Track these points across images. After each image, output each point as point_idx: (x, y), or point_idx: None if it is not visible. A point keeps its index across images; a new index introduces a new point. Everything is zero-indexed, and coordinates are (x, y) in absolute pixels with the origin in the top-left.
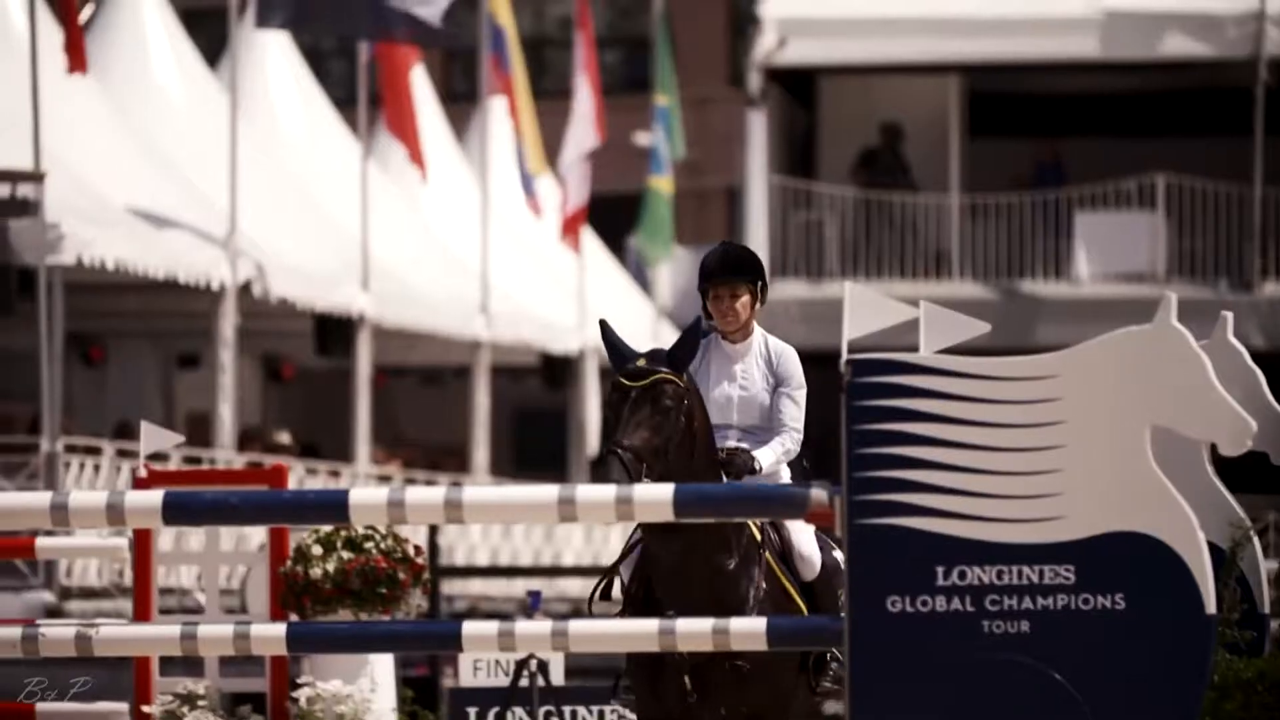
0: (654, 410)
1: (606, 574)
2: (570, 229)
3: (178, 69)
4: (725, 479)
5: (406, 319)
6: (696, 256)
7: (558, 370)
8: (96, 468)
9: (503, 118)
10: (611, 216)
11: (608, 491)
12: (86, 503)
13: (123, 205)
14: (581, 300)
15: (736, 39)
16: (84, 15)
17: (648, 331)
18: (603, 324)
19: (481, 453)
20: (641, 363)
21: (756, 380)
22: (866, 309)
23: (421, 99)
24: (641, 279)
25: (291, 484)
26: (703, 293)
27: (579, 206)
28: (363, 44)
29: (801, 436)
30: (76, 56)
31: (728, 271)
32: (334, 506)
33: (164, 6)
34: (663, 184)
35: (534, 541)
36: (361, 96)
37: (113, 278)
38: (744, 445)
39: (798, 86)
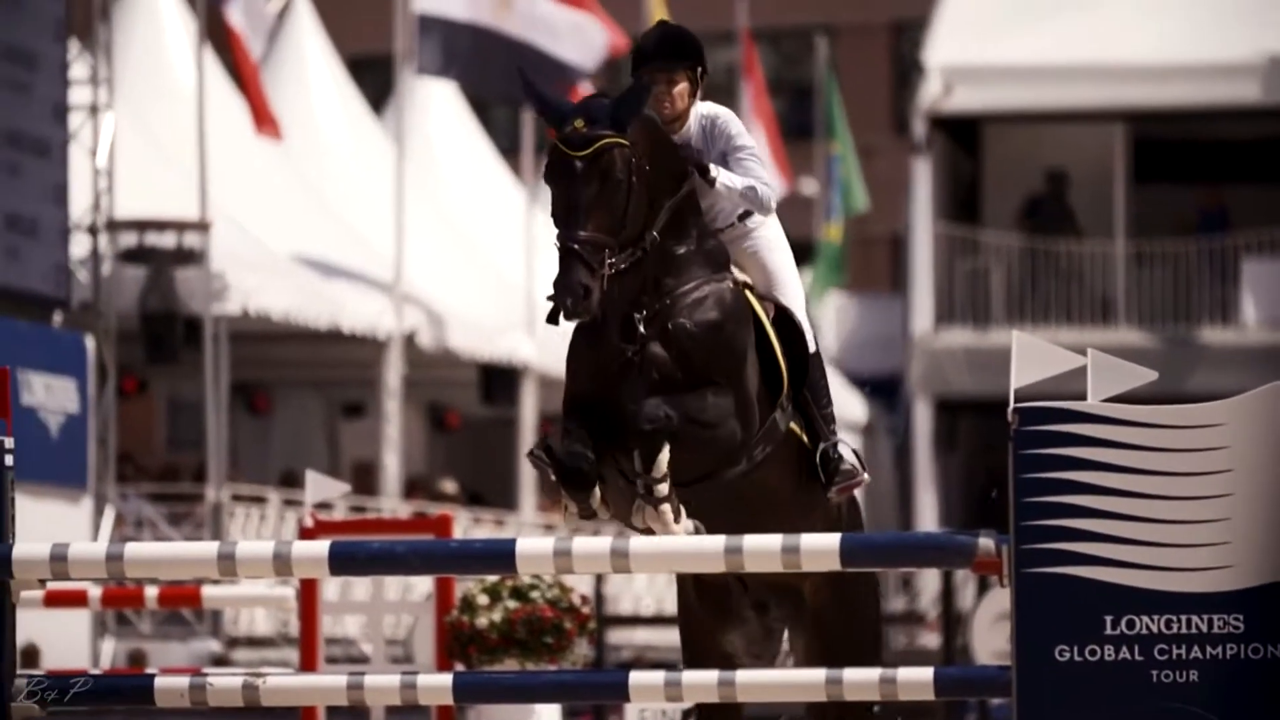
0: (604, 184)
1: None
2: None
3: (343, 116)
4: (681, 158)
5: None
6: (863, 306)
7: None
8: (262, 517)
9: None
10: None
11: (773, 541)
12: (253, 552)
13: (288, 254)
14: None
15: (900, 86)
16: (274, 6)
17: None
18: (523, 76)
19: None
20: (580, 123)
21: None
22: (1033, 357)
23: None
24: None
25: (457, 533)
26: (637, 79)
27: None
28: None
29: (770, 190)
30: (264, 118)
31: (664, 57)
32: (500, 556)
33: (329, 54)
34: (833, 232)
35: None
36: (526, 143)
37: (278, 327)
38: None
39: (962, 133)
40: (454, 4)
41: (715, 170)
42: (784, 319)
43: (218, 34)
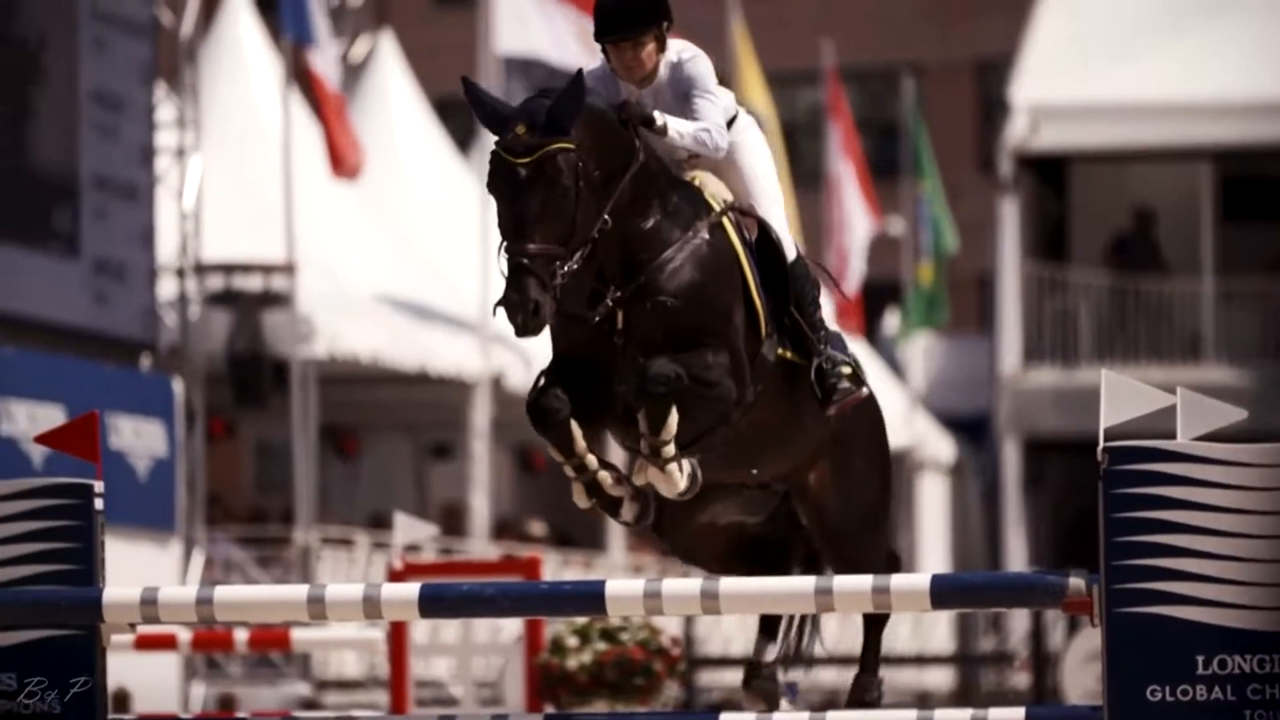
0: (550, 193)
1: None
2: (850, 314)
3: (429, 157)
4: (627, 132)
5: None
6: (951, 345)
7: None
8: (351, 560)
9: None
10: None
11: (863, 582)
12: (342, 595)
13: (374, 296)
14: None
15: (986, 125)
16: (359, 48)
17: (899, 420)
18: (465, 80)
19: None
20: (521, 129)
21: (673, 108)
22: (1122, 396)
23: None
24: (894, 365)
25: (546, 575)
26: (599, 42)
27: (857, 292)
28: None
29: (723, 128)
30: (342, 161)
31: (627, 23)
32: (590, 597)
33: (415, 95)
34: (925, 272)
35: None
36: None
37: (366, 370)
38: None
39: (1049, 172)
40: (539, 44)
41: (661, 119)
42: (764, 233)
43: (304, 76)
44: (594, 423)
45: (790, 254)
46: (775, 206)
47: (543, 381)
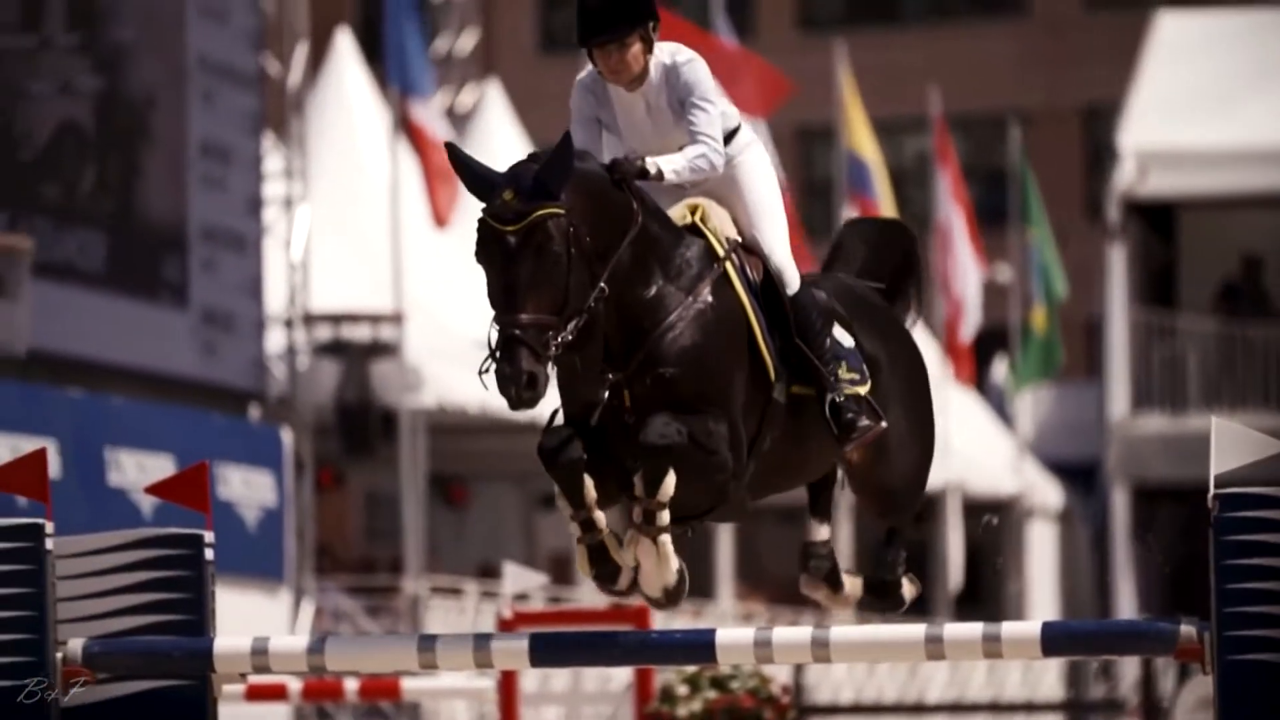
0: (540, 261)
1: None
2: (962, 363)
3: None
4: (627, 195)
5: None
6: (1059, 392)
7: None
8: (460, 609)
9: None
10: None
11: (974, 630)
12: (453, 644)
13: (483, 345)
14: (941, 434)
15: (1093, 171)
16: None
17: (1008, 467)
18: (449, 145)
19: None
20: (509, 195)
21: (667, 113)
22: (1232, 442)
23: None
24: (1003, 413)
25: (655, 623)
26: (584, 45)
27: (970, 341)
28: None
29: (719, 144)
30: (443, 212)
31: (610, 24)
32: (700, 646)
33: (522, 143)
34: (1039, 318)
35: (898, 678)
36: None
37: (474, 419)
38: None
39: (1156, 218)
40: None
41: (654, 167)
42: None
43: (410, 125)
44: (600, 489)
45: (792, 286)
46: (778, 233)
47: (556, 424)
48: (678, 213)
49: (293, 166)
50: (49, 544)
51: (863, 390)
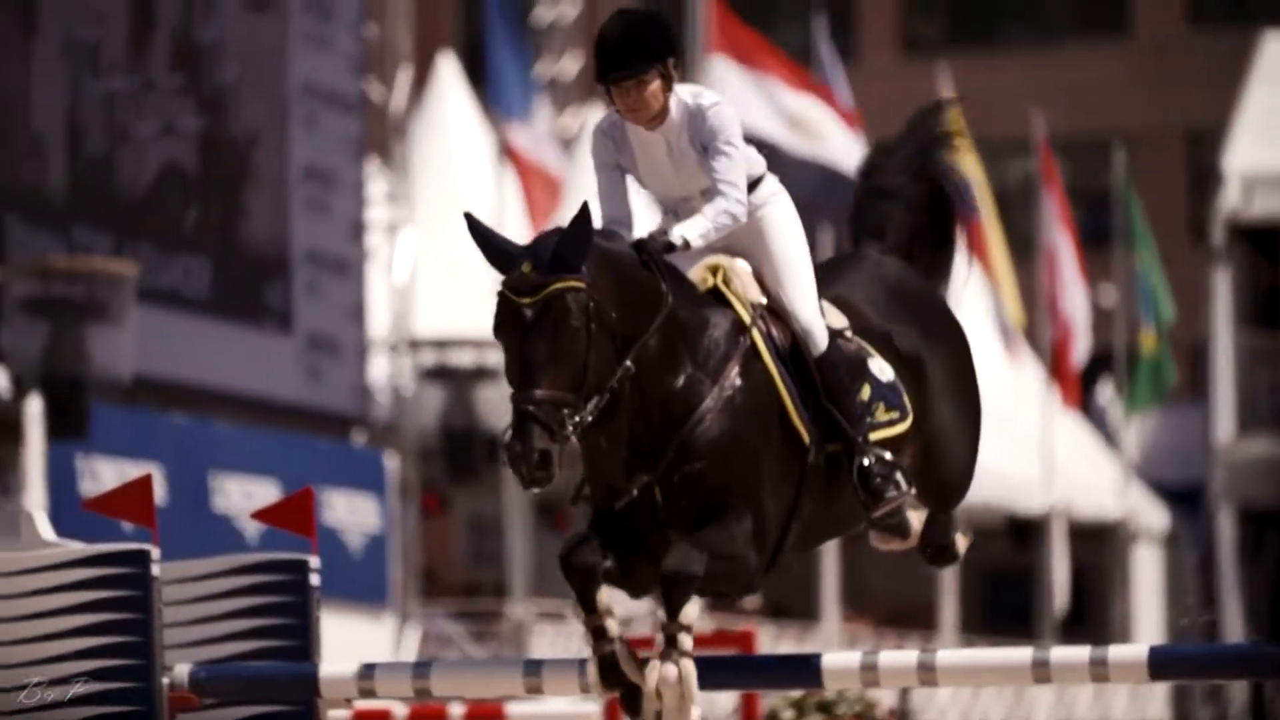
0: (558, 335)
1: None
2: (1069, 387)
3: (640, 231)
4: (655, 276)
5: None
6: (1163, 414)
7: (1024, 531)
8: (565, 633)
9: (964, 272)
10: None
11: (1080, 653)
12: (558, 669)
13: None
14: (1046, 457)
15: (1197, 194)
16: (568, 127)
17: (1113, 490)
18: (468, 216)
19: (949, 613)
20: (527, 267)
21: (690, 154)
22: None
23: None
24: (1108, 436)
25: (760, 648)
26: (601, 83)
27: (1080, 365)
28: None
29: (743, 193)
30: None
31: (628, 59)
32: (806, 670)
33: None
34: (1147, 339)
35: (1004, 701)
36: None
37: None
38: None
39: (1262, 241)
40: (750, 118)
41: (680, 238)
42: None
43: (510, 149)
44: (633, 578)
45: (820, 345)
46: (804, 290)
47: (582, 533)
48: (698, 275)
49: (396, 191)
50: (155, 569)
51: (903, 427)
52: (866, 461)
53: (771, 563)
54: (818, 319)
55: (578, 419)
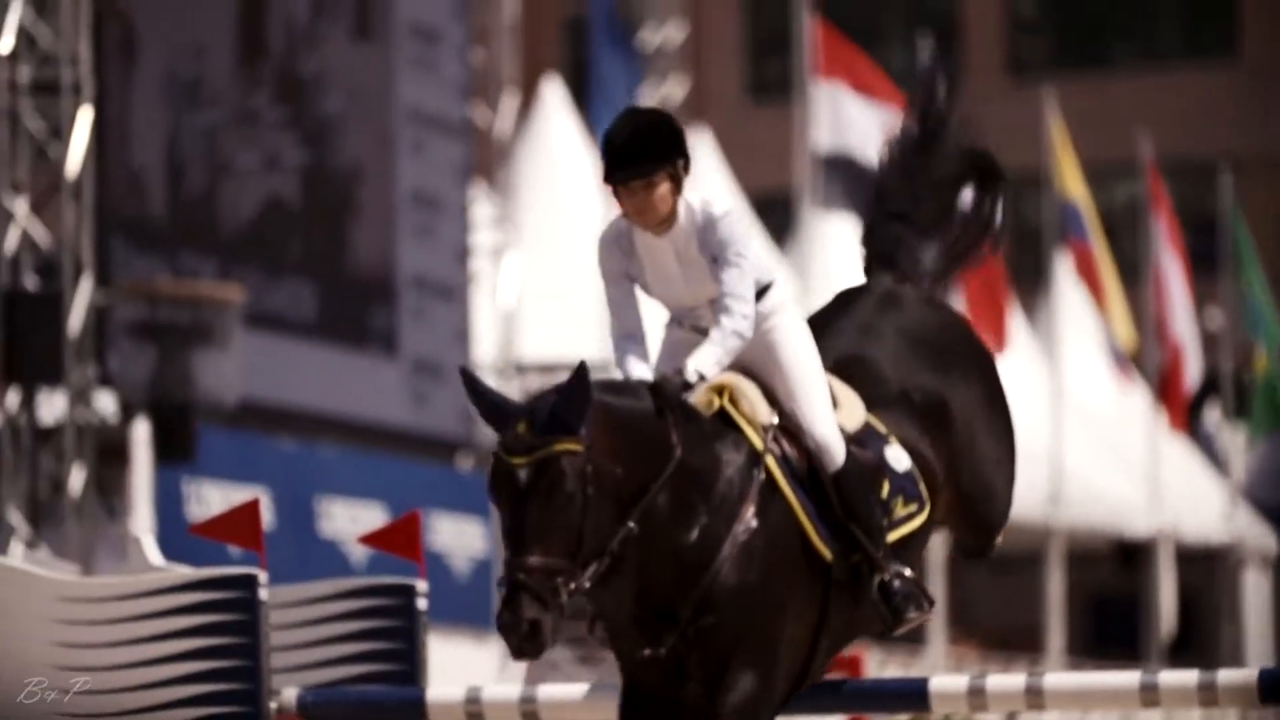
0: (552, 500)
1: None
2: (1176, 410)
3: None
4: (665, 424)
5: None
6: (1271, 438)
7: (1131, 554)
8: None
9: (1072, 294)
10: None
11: (1189, 678)
12: None
13: None
14: (1153, 480)
15: None
16: None
17: (1220, 514)
18: (463, 371)
19: (1056, 637)
20: (523, 427)
21: (699, 262)
22: None
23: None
24: (1215, 459)
25: (867, 671)
26: (608, 183)
27: (1192, 389)
28: None
29: (751, 307)
30: None
31: (638, 160)
32: (913, 694)
33: (732, 191)
34: (1260, 362)
35: None
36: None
37: None
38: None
39: None
40: (854, 140)
41: (695, 374)
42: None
43: None
44: None
45: (836, 461)
46: (818, 403)
47: (626, 707)
48: (704, 398)
49: (501, 215)
50: (263, 594)
51: (921, 518)
52: (889, 579)
53: (803, 680)
54: (833, 433)
55: (573, 585)
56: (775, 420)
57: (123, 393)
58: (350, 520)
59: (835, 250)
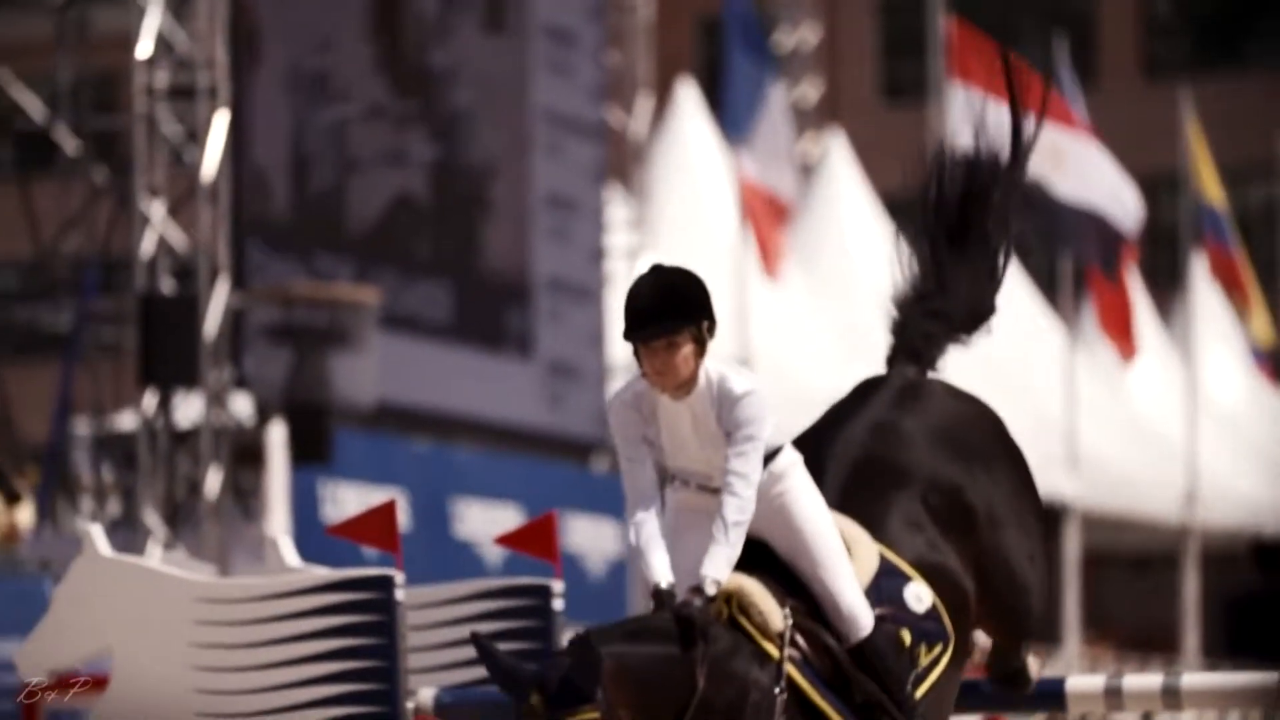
0: None
1: None
2: None
3: (880, 256)
4: (690, 660)
5: (1116, 505)
6: None
7: (1268, 554)
8: None
9: (1208, 295)
10: None
11: None
12: None
13: (828, 397)
14: None
15: None
16: (809, 153)
17: None
18: (474, 637)
19: (1191, 637)
20: (536, 699)
21: (714, 431)
22: None
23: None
24: None
25: None
26: (630, 340)
27: None
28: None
29: (754, 491)
30: (771, 260)
31: (662, 318)
32: (1050, 695)
33: (865, 193)
34: None
35: None
36: (1064, 281)
37: None
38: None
39: None
40: (990, 145)
41: (713, 583)
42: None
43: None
44: None
45: (863, 630)
46: (837, 565)
47: None
48: (713, 608)
49: (637, 216)
50: (400, 595)
51: (945, 659)
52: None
53: None
54: (858, 600)
55: None
56: (790, 621)
57: (259, 395)
58: (485, 521)
59: None
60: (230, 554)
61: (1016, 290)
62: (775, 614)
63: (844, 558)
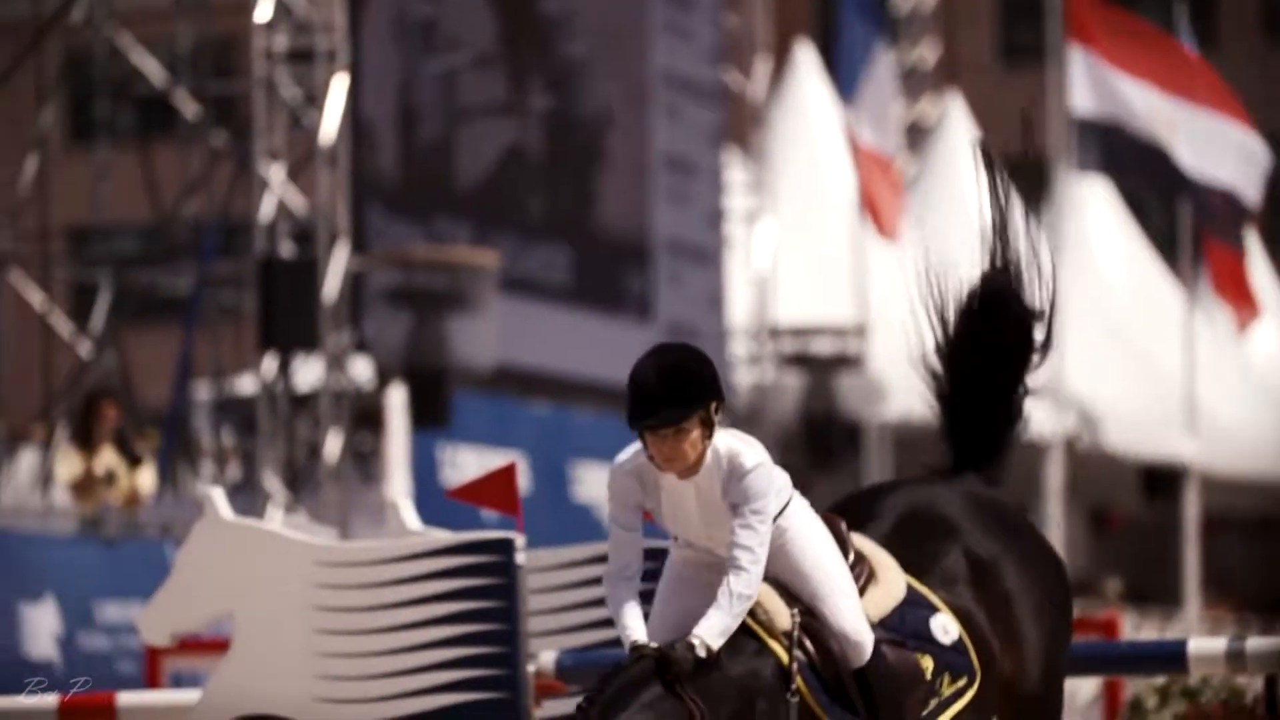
0: None
1: None
2: None
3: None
4: (679, 695)
5: (1235, 467)
6: None
7: None
8: None
9: None
10: None
11: None
12: None
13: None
14: None
15: None
16: (926, 115)
17: None
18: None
19: None
20: None
21: (719, 505)
22: None
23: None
24: None
25: (1123, 634)
26: (635, 428)
27: None
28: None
29: (760, 565)
30: (883, 220)
31: (669, 404)
32: (1171, 656)
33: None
34: None
35: None
36: (1184, 240)
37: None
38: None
39: None
40: (1119, 110)
41: (705, 646)
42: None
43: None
44: None
45: (863, 656)
46: (840, 594)
47: None
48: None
49: (755, 179)
50: (520, 558)
51: (971, 693)
52: None
53: None
54: (859, 627)
55: None
56: (798, 620)
57: (378, 359)
58: (604, 484)
59: (1091, 213)
60: (350, 517)
61: (1136, 254)
62: (782, 613)
63: (846, 583)
